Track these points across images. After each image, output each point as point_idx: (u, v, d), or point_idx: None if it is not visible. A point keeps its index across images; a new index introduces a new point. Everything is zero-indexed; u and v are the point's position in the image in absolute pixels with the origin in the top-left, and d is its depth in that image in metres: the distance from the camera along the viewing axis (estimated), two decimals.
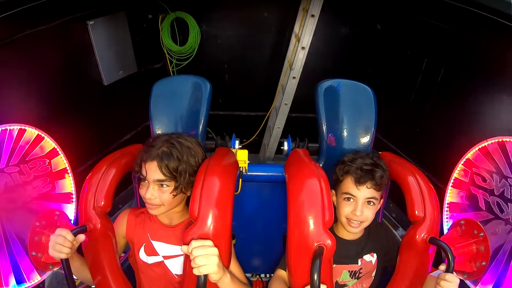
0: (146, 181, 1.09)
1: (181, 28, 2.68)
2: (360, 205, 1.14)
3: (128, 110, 2.38)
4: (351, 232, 1.20)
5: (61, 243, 0.97)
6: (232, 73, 2.90)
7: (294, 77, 2.42)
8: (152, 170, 1.06)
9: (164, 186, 1.08)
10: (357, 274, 1.24)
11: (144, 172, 1.08)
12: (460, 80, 1.78)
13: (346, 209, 1.16)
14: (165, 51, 2.68)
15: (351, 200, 1.16)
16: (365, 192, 1.14)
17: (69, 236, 0.99)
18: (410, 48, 2.21)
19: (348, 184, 1.16)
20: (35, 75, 1.59)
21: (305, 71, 2.42)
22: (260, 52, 2.82)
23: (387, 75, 2.56)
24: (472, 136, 1.42)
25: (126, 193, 2.27)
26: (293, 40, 2.50)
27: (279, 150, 3.05)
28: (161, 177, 1.06)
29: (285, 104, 2.55)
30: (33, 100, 1.54)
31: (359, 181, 1.13)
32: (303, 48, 2.30)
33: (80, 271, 1.12)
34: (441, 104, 1.92)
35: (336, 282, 1.23)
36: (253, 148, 3.21)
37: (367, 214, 1.15)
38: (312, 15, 2.18)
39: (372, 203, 1.16)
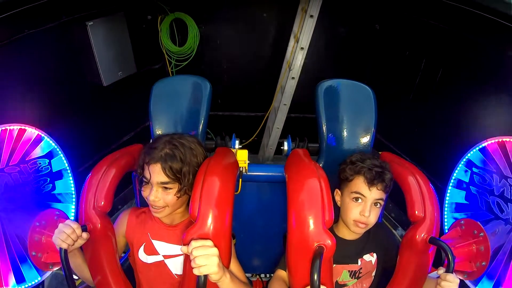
0: (149, 183, 1.08)
1: (180, 29, 2.68)
2: (369, 206, 1.13)
3: (128, 111, 2.38)
4: (357, 233, 1.20)
5: (68, 233, 0.97)
6: (231, 73, 2.90)
7: (293, 78, 2.41)
8: (156, 173, 1.05)
9: (168, 188, 1.07)
10: (357, 274, 1.24)
11: (147, 175, 1.07)
12: (459, 81, 1.78)
13: (354, 210, 1.15)
14: (164, 52, 2.67)
15: (360, 200, 1.15)
16: (375, 193, 1.14)
17: (78, 230, 1.00)
18: (409, 48, 2.22)
19: (360, 184, 1.15)
20: (34, 76, 1.59)
21: (304, 72, 2.42)
22: (259, 52, 2.81)
23: (386, 74, 2.56)
24: (471, 136, 1.42)
25: (126, 193, 2.27)
26: (292, 40, 2.50)
27: (278, 151, 3.02)
28: (165, 179, 1.05)
29: (284, 104, 2.54)
30: (32, 101, 1.53)
31: (372, 182, 1.13)
32: (302, 48, 2.30)
33: (82, 267, 1.12)
34: (440, 104, 1.92)
35: (336, 282, 1.22)
36: (253, 149, 3.18)
37: (373, 216, 1.15)
38: (311, 16, 2.17)
39: (378, 204, 1.16)
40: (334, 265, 1.16)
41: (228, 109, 2.99)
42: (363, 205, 1.14)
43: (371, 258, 1.25)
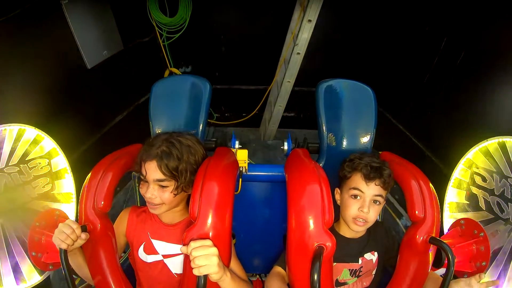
0: (147, 181, 1.09)
1: None
2: (368, 202, 1.13)
3: (118, 90, 2.25)
4: (356, 230, 1.19)
5: (68, 234, 0.97)
6: (229, 44, 2.71)
7: (298, 53, 2.22)
8: (152, 170, 1.06)
9: (164, 186, 1.07)
10: (357, 273, 1.24)
11: (144, 172, 1.08)
12: (483, 66, 1.64)
13: (353, 207, 1.15)
14: (154, 24, 2.48)
15: (358, 197, 1.15)
16: (373, 189, 1.14)
17: (78, 230, 1.00)
18: (429, 24, 2.01)
19: (358, 180, 1.16)
20: (11, 66, 1.51)
21: (309, 43, 2.24)
22: (259, 21, 2.60)
23: (400, 50, 2.34)
24: (488, 128, 1.35)
25: (125, 176, 2.18)
26: (297, 9, 2.25)
27: (281, 125, 2.89)
28: (161, 176, 1.06)
29: (288, 81, 2.37)
30: (13, 92, 1.46)
31: (368, 177, 1.13)
32: (309, 21, 2.07)
33: (83, 267, 1.12)
34: (457, 88, 1.79)
35: (337, 280, 1.22)
36: (254, 123, 3.05)
37: (372, 213, 1.14)
38: None
39: (378, 202, 1.15)
40: (335, 263, 1.16)
41: (227, 82, 2.83)
42: (362, 202, 1.14)
43: (372, 256, 1.25)
